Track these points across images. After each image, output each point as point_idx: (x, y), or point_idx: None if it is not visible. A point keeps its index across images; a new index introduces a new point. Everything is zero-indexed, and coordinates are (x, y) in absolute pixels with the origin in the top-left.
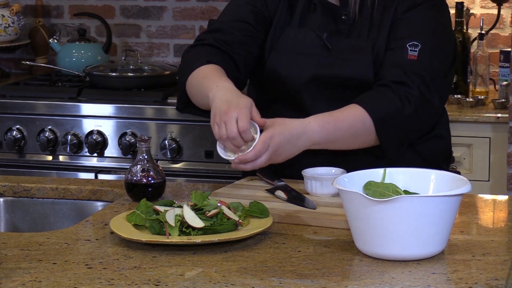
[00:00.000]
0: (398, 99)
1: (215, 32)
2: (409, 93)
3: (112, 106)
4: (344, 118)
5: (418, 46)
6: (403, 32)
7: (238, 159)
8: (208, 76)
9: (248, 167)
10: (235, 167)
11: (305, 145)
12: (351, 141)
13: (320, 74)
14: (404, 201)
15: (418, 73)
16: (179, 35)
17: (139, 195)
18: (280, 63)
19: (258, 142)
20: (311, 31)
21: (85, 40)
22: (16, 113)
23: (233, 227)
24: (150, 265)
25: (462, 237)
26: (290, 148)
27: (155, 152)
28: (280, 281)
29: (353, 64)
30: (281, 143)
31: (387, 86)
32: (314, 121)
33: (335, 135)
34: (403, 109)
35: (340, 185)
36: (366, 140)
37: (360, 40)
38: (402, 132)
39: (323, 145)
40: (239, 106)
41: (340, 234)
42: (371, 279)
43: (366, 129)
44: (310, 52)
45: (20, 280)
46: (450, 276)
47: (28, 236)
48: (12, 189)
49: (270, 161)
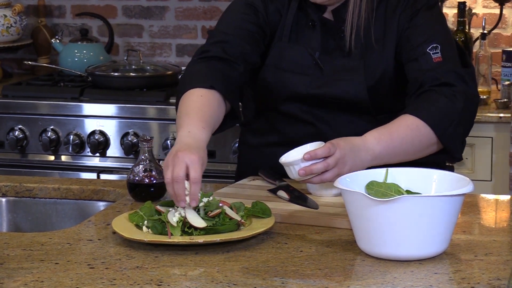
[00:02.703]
0: (446, 98)
1: (222, 43)
2: (453, 90)
3: (114, 106)
4: (396, 128)
5: (438, 47)
6: (418, 40)
7: (308, 153)
8: (190, 113)
9: (318, 168)
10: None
11: (368, 159)
12: (411, 151)
13: (312, 93)
14: (406, 201)
15: (450, 70)
16: (181, 35)
17: (141, 195)
18: (271, 78)
19: (326, 144)
20: (302, 48)
21: (87, 40)
22: (18, 113)
23: (235, 227)
24: (152, 265)
25: (464, 237)
26: (354, 158)
27: (157, 152)
28: (283, 281)
29: (345, 84)
30: (347, 151)
31: (430, 91)
32: (369, 135)
33: (393, 146)
34: (454, 105)
35: (342, 185)
36: (427, 146)
37: (353, 60)
38: (461, 128)
39: (385, 159)
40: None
41: (342, 234)
42: (373, 279)
43: (422, 135)
44: (302, 71)
45: (22, 280)
46: (452, 276)
47: (30, 236)
48: (14, 189)
49: (338, 168)
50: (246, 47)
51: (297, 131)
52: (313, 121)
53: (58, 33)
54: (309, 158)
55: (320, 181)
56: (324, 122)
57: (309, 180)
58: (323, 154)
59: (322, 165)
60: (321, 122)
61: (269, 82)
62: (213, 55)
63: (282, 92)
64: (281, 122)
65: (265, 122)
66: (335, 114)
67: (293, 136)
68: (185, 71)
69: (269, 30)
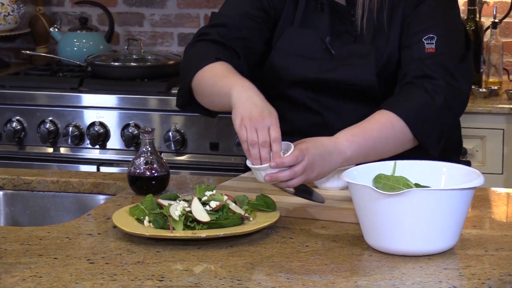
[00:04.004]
0: (425, 93)
1: (220, 26)
2: (435, 84)
3: (115, 97)
4: (370, 127)
5: (434, 38)
6: (416, 28)
7: (275, 161)
8: (227, 75)
9: (284, 175)
10: (269, 178)
11: (338, 162)
12: (386, 149)
13: (322, 78)
14: (415, 195)
15: (439, 63)
16: (183, 23)
17: (142, 188)
18: (280, 63)
19: (295, 150)
20: (313, 33)
21: (86, 29)
22: (16, 104)
23: (239, 221)
24: (154, 260)
25: (475, 232)
26: (323, 164)
27: (159, 144)
28: (288, 277)
29: (355, 70)
30: (316, 157)
31: (411, 83)
32: (341, 136)
33: (366, 146)
34: (433, 101)
35: (349, 178)
36: (402, 144)
37: (364, 45)
38: (438, 124)
39: (356, 160)
40: (272, 115)
41: (349, 228)
42: (381, 274)
43: (397, 133)
44: (311, 56)
45: (20, 275)
46: (462, 272)
47: (29, 230)
48: (12, 182)
49: (305, 174)
50: (246, 32)
51: (304, 119)
52: (320, 109)
53: (57, 21)
54: (275, 166)
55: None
56: (331, 111)
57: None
58: (290, 162)
59: (288, 173)
60: (328, 111)
61: (276, 67)
62: (211, 38)
63: (289, 77)
64: (288, 110)
65: None
66: (342, 102)
67: (299, 125)
68: (184, 56)
69: (274, 14)
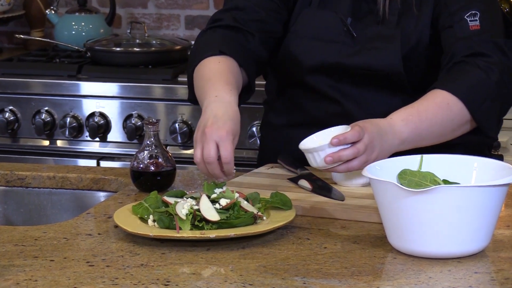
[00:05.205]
0: (480, 70)
1: (234, 10)
2: (489, 61)
3: (116, 85)
4: (425, 107)
5: (477, 15)
6: (454, 6)
7: (337, 137)
8: (212, 78)
9: (348, 154)
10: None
11: (394, 143)
12: (442, 131)
13: (343, 63)
14: (443, 192)
15: (488, 40)
16: (191, 5)
17: (147, 185)
18: (296, 47)
19: (354, 127)
20: (333, 14)
21: (85, 11)
22: (9, 92)
23: (251, 220)
24: (159, 263)
25: (508, 232)
26: (381, 143)
27: (164, 137)
28: (304, 281)
29: (380, 54)
30: (375, 135)
31: (462, 62)
32: (395, 116)
33: (421, 127)
34: (489, 78)
35: (371, 174)
36: (458, 126)
37: (389, 27)
38: (498, 104)
39: (412, 142)
40: (223, 128)
41: (371, 228)
42: (406, 279)
43: (454, 114)
44: (331, 39)
45: (14, 278)
46: (494, 276)
47: (23, 230)
48: (4, 178)
49: (366, 154)
50: (263, 13)
51: (322, 109)
52: (340, 98)
53: (54, 3)
54: (337, 143)
55: (346, 170)
56: (352, 100)
57: (334, 168)
58: (353, 138)
59: (351, 151)
60: (348, 100)
61: (293, 51)
62: (225, 23)
63: (308, 62)
64: (306, 99)
65: (288, 99)
66: (364, 90)
67: (318, 115)
68: (195, 43)
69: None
